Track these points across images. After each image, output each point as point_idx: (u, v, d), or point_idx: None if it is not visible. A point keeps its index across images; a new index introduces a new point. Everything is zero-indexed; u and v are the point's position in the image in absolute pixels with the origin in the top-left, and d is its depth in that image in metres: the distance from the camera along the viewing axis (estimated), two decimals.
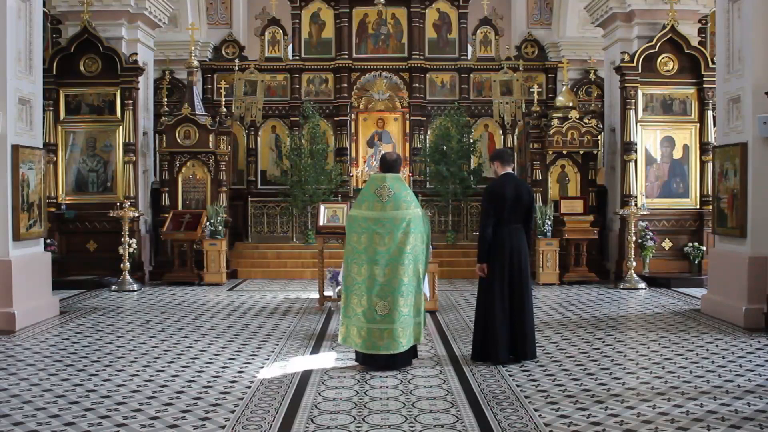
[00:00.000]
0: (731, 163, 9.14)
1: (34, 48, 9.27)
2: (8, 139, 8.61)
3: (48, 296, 9.57)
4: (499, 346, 6.64)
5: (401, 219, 6.43)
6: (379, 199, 6.48)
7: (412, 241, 6.44)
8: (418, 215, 6.54)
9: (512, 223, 6.73)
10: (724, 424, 4.93)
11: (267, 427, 4.95)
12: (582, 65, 17.21)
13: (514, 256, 6.69)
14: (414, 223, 6.46)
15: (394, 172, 6.67)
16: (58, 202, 12.83)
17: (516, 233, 6.74)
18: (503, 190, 6.73)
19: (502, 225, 6.71)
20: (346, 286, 6.55)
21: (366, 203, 6.54)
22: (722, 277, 9.37)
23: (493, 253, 6.70)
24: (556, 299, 10.95)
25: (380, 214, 6.43)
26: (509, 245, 6.68)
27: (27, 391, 5.83)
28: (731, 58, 9.29)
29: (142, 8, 13.51)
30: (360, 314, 6.42)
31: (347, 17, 15.68)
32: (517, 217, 6.75)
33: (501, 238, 6.68)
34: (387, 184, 6.52)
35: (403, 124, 16.05)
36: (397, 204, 6.46)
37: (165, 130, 13.37)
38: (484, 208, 6.83)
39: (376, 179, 6.65)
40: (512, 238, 6.70)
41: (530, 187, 7.55)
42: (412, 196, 6.62)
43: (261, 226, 15.18)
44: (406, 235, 6.41)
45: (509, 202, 6.69)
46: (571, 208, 12.91)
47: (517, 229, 6.75)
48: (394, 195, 6.48)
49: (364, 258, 6.41)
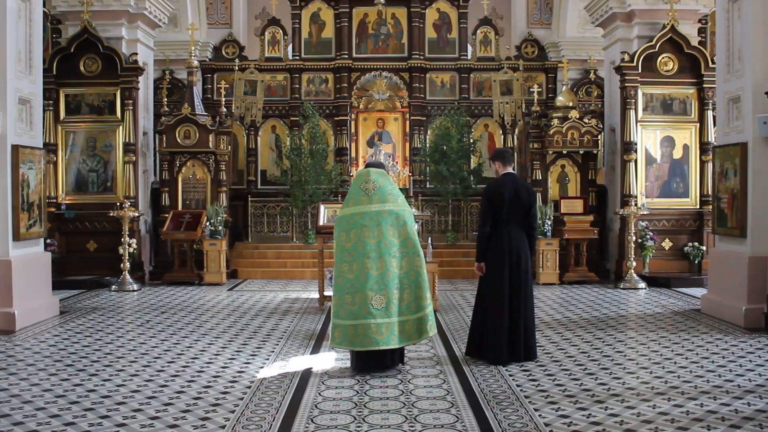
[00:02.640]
0: (731, 163, 9.14)
1: (34, 48, 9.27)
2: (8, 139, 8.61)
3: (48, 296, 9.57)
4: (498, 347, 6.61)
5: (389, 212, 6.37)
6: (365, 193, 6.44)
7: (404, 234, 6.37)
8: (407, 209, 6.51)
9: (511, 223, 6.71)
10: (724, 424, 4.93)
11: (267, 427, 4.94)
12: (582, 65, 17.20)
13: (513, 255, 6.65)
14: (404, 216, 6.41)
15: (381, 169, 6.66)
16: (58, 202, 12.83)
17: (515, 233, 6.70)
18: (502, 190, 6.71)
19: (501, 225, 6.69)
20: (338, 286, 6.36)
21: (352, 200, 6.50)
22: (722, 277, 9.37)
23: (493, 253, 6.69)
24: (556, 299, 10.95)
25: (367, 208, 6.39)
26: (508, 245, 6.65)
27: (27, 391, 5.83)
28: (731, 58, 9.29)
29: (142, 8, 13.51)
30: (356, 311, 6.20)
31: (347, 17, 15.68)
32: (516, 217, 6.72)
33: (500, 238, 6.67)
34: (372, 177, 6.50)
35: (403, 124, 16.05)
36: (383, 197, 6.42)
37: (165, 130, 13.37)
38: (483, 208, 6.81)
39: (360, 174, 6.65)
40: (511, 238, 6.67)
41: (531, 187, 7.50)
42: (398, 192, 6.57)
43: (261, 226, 15.19)
44: (395, 228, 6.36)
45: (508, 202, 6.67)
46: (571, 208, 12.91)
47: (516, 228, 6.72)
48: (379, 188, 6.44)
49: (355, 254, 6.30)
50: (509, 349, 6.65)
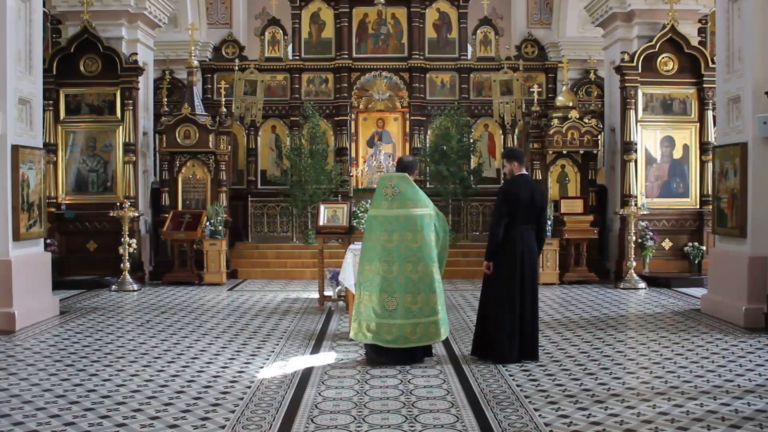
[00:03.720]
0: (731, 163, 9.14)
1: (34, 48, 9.27)
2: (8, 139, 8.60)
3: (48, 296, 9.57)
4: (507, 347, 6.65)
5: (406, 217, 6.59)
6: (386, 198, 6.70)
7: (420, 239, 6.56)
8: (428, 214, 6.66)
9: (524, 224, 6.73)
10: (724, 424, 4.93)
11: (267, 427, 4.94)
12: (582, 65, 17.20)
13: (525, 257, 6.69)
14: (423, 222, 6.58)
15: (406, 172, 6.82)
16: (58, 202, 12.83)
17: (527, 234, 6.74)
18: (519, 191, 6.72)
19: (514, 226, 6.70)
20: (359, 282, 6.78)
21: (376, 202, 6.80)
22: (722, 277, 9.37)
23: (505, 254, 6.70)
24: (556, 299, 10.95)
25: (387, 212, 6.66)
26: (521, 246, 6.68)
27: (27, 391, 5.83)
28: (731, 58, 9.29)
29: (142, 8, 13.51)
30: (371, 309, 6.60)
31: (347, 17, 15.68)
32: (529, 218, 6.76)
33: (512, 239, 6.68)
34: (393, 183, 6.75)
35: (403, 124, 16.05)
36: (403, 202, 6.64)
37: (165, 130, 13.36)
38: (498, 208, 6.76)
39: (383, 179, 6.95)
40: (523, 239, 6.71)
41: (542, 190, 7.51)
42: (420, 195, 6.73)
43: (261, 226, 15.19)
44: (413, 233, 6.56)
45: (524, 203, 6.68)
46: (571, 207, 12.91)
47: (528, 230, 6.75)
48: (399, 194, 6.66)
49: (374, 255, 6.64)
50: (519, 348, 6.70)
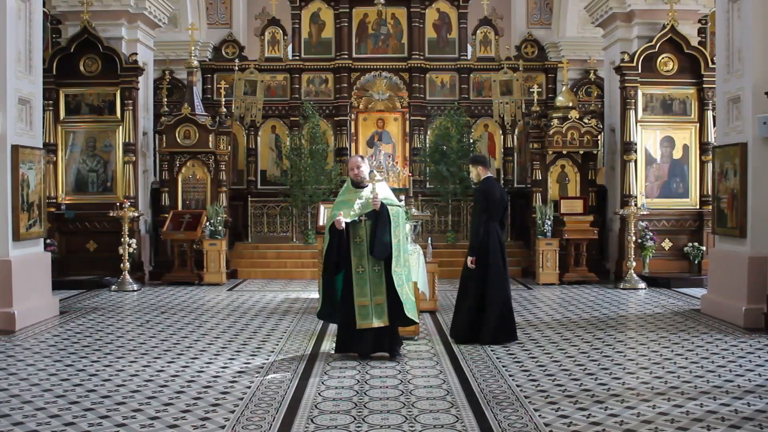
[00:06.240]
0: (731, 163, 9.14)
1: (34, 48, 9.27)
2: (8, 139, 8.61)
3: (48, 296, 9.57)
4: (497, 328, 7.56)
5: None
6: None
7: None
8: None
9: (494, 220, 7.67)
10: (724, 424, 4.93)
11: (267, 427, 4.95)
12: (582, 65, 17.20)
13: (502, 248, 7.70)
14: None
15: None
16: (58, 202, 12.83)
17: (498, 228, 7.72)
18: (494, 191, 7.71)
19: (490, 222, 7.62)
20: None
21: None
22: (722, 277, 9.37)
23: (490, 247, 7.58)
24: (556, 299, 10.95)
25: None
26: (496, 240, 7.64)
27: (27, 391, 5.83)
28: (731, 58, 9.29)
29: (142, 8, 13.51)
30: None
31: (347, 17, 15.67)
32: (498, 214, 7.73)
33: (493, 234, 7.62)
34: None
35: (403, 124, 16.04)
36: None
37: (165, 130, 13.36)
38: (483, 207, 7.63)
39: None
40: (498, 233, 7.70)
41: (504, 190, 9.29)
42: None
43: (261, 226, 15.19)
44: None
45: (498, 202, 7.69)
46: (571, 208, 12.91)
47: (495, 225, 7.68)
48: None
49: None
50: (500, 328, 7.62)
